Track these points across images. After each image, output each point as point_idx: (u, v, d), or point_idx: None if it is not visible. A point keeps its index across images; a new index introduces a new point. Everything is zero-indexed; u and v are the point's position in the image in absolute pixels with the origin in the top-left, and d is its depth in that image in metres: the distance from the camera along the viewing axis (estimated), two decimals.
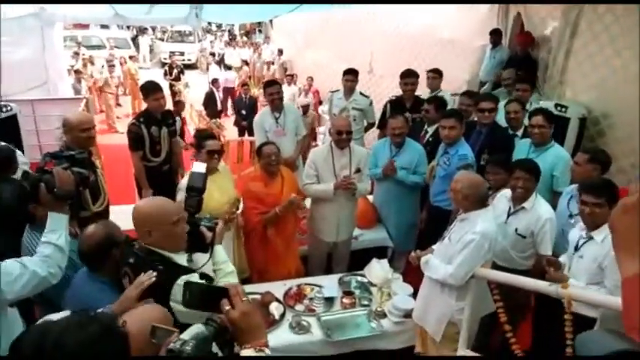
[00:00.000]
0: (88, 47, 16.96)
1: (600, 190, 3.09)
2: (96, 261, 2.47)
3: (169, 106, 6.19)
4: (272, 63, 16.77)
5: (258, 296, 3.65)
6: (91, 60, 13.82)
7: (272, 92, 5.54)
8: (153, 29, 24.48)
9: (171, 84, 13.43)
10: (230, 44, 22.11)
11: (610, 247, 1.33)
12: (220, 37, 25.96)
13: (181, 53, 20.92)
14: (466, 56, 7.74)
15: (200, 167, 2.76)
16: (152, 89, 4.94)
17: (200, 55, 21.60)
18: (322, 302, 3.83)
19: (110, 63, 13.60)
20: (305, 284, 4.06)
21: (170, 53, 19.76)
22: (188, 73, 16.39)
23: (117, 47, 18.01)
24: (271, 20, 18.18)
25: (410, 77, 5.93)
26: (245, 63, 17.48)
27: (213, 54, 19.04)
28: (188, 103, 12.26)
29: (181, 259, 2.31)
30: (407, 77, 5.94)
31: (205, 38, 24.54)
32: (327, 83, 10.24)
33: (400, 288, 3.97)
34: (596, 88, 5.53)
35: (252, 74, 17.43)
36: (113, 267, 2.45)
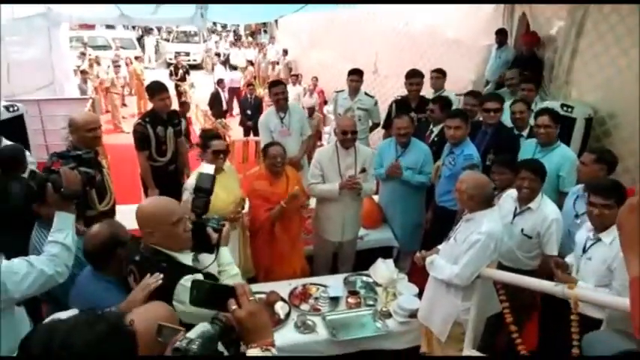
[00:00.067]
0: (94, 48, 17.05)
1: (609, 192, 3.06)
2: (101, 260, 2.48)
3: (175, 107, 6.21)
4: (277, 63, 16.77)
5: (263, 296, 3.65)
6: (97, 60, 13.88)
7: (277, 92, 5.56)
8: (158, 30, 24.52)
9: (176, 84, 13.48)
10: (235, 44, 22.14)
11: (619, 249, 1.32)
12: (225, 38, 25.98)
13: (187, 54, 21.01)
14: (471, 56, 7.72)
15: (209, 169, 2.77)
16: (158, 89, 4.95)
17: (205, 56, 21.64)
18: (327, 302, 3.83)
19: (116, 63, 13.68)
20: (310, 284, 4.06)
21: (175, 54, 19.83)
22: (193, 74, 16.44)
23: (123, 48, 18.10)
24: (276, 20, 18.21)
25: (415, 77, 5.93)
26: (250, 63, 17.51)
27: (218, 54, 19.03)
28: (193, 104, 12.31)
29: (186, 259, 2.31)
30: (412, 77, 5.93)
31: (210, 39, 24.57)
32: (332, 83, 10.24)
33: (405, 288, 3.97)
34: (602, 88, 5.50)
35: (257, 74, 17.46)
36: (118, 266, 2.46)
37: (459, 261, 3.19)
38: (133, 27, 21.98)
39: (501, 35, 7.05)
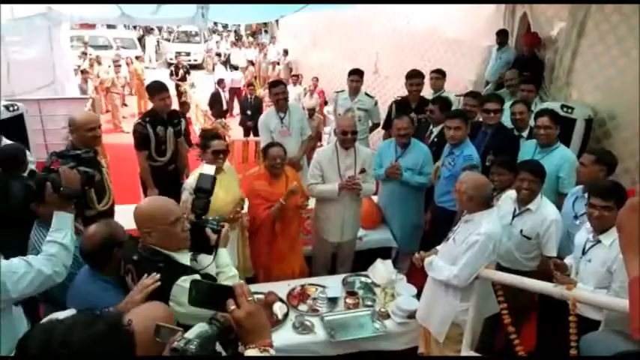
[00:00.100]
0: (95, 47, 17.01)
1: (609, 194, 3.06)
2: (98, 260, 2.47)
3: (175, 106, 6.20)
4: (277, 63, 16.75)
5: (261, 296, 3.65)
6: (98, 60, 13.88)
7: (277, 92, 5.56)
8: (159, 29, 24.52)
9: (177, 84, 13.47)
10: (236, 44, 22.10)
11: (619, 251, 1.32)
12: (226, 38, 25.94)
13: (187, 53, 20.98)
14: (472, 56, 7.72)
15: (209, 169, 2.77)
16: (158, 89, 4.95)
17: (206, 56, 21.61)
18: (326, 302, 3.83)
19: (116, 63, 13.66)
20: (309, 284, 4.06)
21: (176, 53, 19.80)
22: (194, 74, 16.43)
23: (123, 47, 18.07)
24: (277, 21, 18.17)
25: (415, 78, 5.93)
26: (251, 63, 17.49)
27: (219, 54, 19.03)
28: (194, 104, 12.29)
29: (184, 259, 2.30)
30: (413, 78, 5.93)
31: (211, 38, 24.55)
32: (333, 84, 10.25)
33: (404, 289, 3.97)
34: (602, 89, 5.50)
35: (257, 74, 17.45)
36: (115, 266, 2.46)
37: (458, 262, 3.19)
38: (134, 27, 21.95)
39: (502, 36, 7.04)
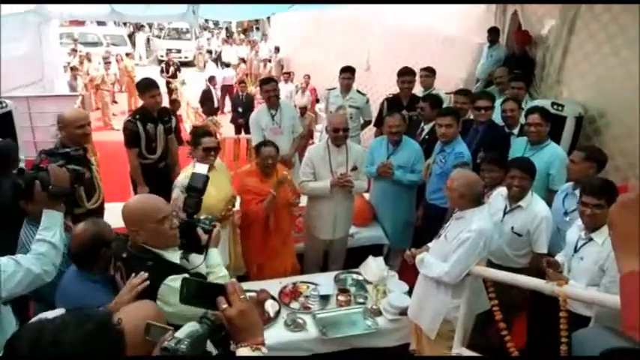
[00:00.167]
0: (85, 44, 16.89)
1: (602, 192, 3.07)
2: (85, 260, 2.45)
3: (166, 104, 6.17)
4: (269, 60, 16.71)
5: (253, 294, 3.63)
6: (88, 57, 13.76)
7: (268, 90, 5.54)
8: (150, 26, 24.36)
9: (167, 81, 13.40)
10: (227, 42, 22.03)
11: (611, 249, 1.31)
12: (217, 35, 25.81)
13: (178, 50, 20.87)
14: (463, 54, 7.73)
15: (202, 168, 2.75)
16: (148, 86, 4.91)
17: (197, 53, 21.52)
18: (318, 300, 3.82)
19: (106, 60, 13.56)
20: (300, 282, 4.05)
21: (167, 50, 19.73)
22: (185, 71, 16.33)
23: (113, 44, 17.92)
24: (269, 18, 18.13)
25: (407, 75, 5.93)
26: (242, 60, 17.43)
27: (210, 51, 18.94)
28: (185, 101, 12.23)
29: (174, 257, 2.29)
30: (404, 75, 5.93)
31: (202, 36, 24.42)
32: (324, 81, 10.21)
33: (395, 286, 3.98)
34: (592, 87, 5.53)
35: (249, 72, 17.39)
36: (103, 266, 2.44)
37: (449, 259, 3.20)
38: (124, 23, 21.78)
39: (493, 33, 7.05)
